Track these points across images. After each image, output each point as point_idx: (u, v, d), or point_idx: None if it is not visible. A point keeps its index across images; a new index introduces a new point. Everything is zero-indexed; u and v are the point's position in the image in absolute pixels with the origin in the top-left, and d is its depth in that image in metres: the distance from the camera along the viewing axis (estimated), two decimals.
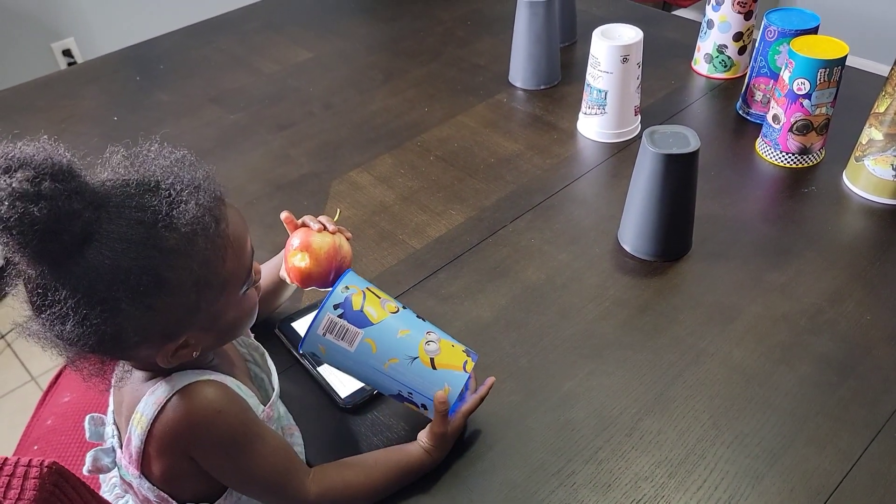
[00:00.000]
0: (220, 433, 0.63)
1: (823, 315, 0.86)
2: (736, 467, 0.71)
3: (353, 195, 1.09)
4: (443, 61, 1.41)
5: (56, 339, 0.57)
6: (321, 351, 0.69)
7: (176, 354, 0.62)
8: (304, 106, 1.31)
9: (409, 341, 0.69)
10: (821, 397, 0.77)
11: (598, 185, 1.09)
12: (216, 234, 0.60)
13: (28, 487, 0.46)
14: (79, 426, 1.06)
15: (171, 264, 0.57)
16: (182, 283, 0.58)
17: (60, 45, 2.28)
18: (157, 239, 0.56)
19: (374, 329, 0.68)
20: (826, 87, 1.00)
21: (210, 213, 0.59)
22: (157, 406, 0.63)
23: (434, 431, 0.71)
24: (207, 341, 0.64)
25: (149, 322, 0.57)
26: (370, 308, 0.69)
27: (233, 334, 0.69)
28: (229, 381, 0.67)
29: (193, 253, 0.58)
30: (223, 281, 0.62)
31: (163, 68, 1.44)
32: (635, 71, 1.11)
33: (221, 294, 0.62)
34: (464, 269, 0.95)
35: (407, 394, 0.70)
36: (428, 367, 0.69)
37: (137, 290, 0.55)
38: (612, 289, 0.91)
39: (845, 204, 1.02)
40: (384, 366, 0.69)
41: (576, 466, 0.72)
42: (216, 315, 0.63)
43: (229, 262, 0.61)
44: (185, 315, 0.59)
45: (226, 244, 0.61)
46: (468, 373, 0.70)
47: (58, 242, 0.53)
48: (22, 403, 1.79)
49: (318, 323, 0.68)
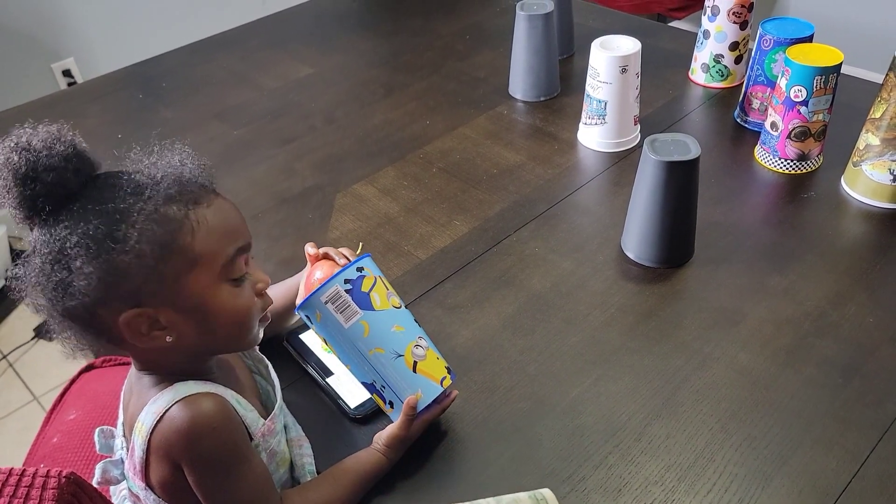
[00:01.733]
0: (210, 449, 0.64)
1: (827, 318, 0.87)
2: (745, 470, 0.72)
3: (358, 207, 1.10)
4: (443, 74, 1.43)
5: (32, 287, 0.61)
6: (316, 317, 0.71)
7: (150, 334, 0.62)
8: (307, 120, 1.32)
9: (400, 338, 0.71)
10: (827, 399, 0.78)
11: (599, 194, 1.10)
12: (189, 209, 0.62)
13: (46, 498, 0.47)
14: (85, 443, 1.06)
15: (134, 224, 0.60)
16: (138, 245, 0.60)
17: (60, 66, 2.30)
18: (130, 204, 0.61)
19: (374, 315, 0.71)
20: (822, 94, 1.02)
21: (188, 190, 0.63)
22: (156, 415, 0.63)
23: (395, 434, 0.72)
24: (189, 332, 0.64)
25: (106, 276, 0.59)
26: (376, 295, 0.72)
27: (222, 336, 0.67)
28: (229, 395, 0.67)
29: (160, 219, 0.61)
30: (193, 257, 0.62)
31: (165, 86, 1.45)
32: (634, 81, 1.12)
33: (189, 269, 0.62)
34: (469, 278, 0.96)
35: (380, 386, 0.71)
36: (409, 368, 0.71)
37: (96, 237, 0.59)
38: (616, 295, 0.92)
39: (844, 208, 1.04)
40: (370, 352, 0.71)
41: (586, 472, 0.73)
42: (189, 296, 0.63)
43: (199, 241, 0.62)
44: (145, 280, 0.61)
45: (199, 222, 0.63)
46: (443, 388, 0.72)
47: (35, 190, 0.59)
48: (25, 423, 1.79)
49: (325, 290, 0.70)
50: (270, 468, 0.72)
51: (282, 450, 0.74)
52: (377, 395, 0.73)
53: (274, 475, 0.73)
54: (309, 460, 0.76)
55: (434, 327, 0.89)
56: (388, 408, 0.73)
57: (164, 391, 0.65)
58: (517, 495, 0.66)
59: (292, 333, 0.88)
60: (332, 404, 0.81)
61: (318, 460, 0.76)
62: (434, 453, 0.76)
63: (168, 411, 0.63)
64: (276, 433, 0.73)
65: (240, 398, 0.69)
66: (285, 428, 0.77)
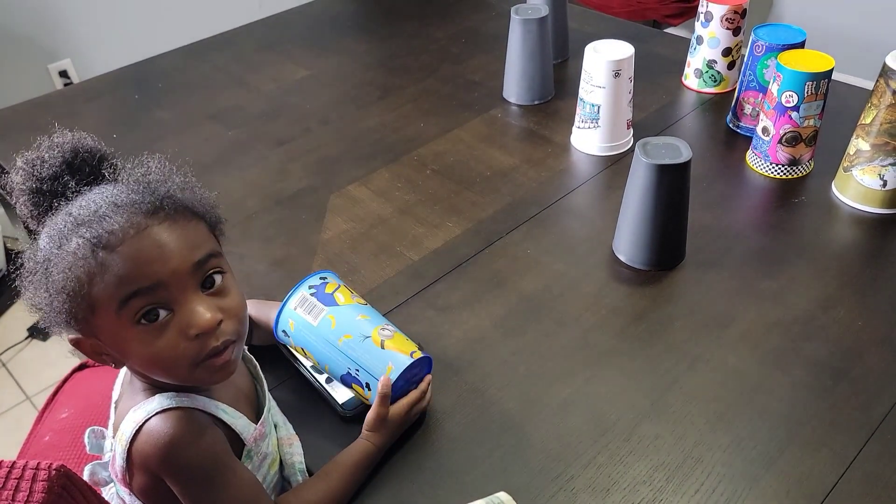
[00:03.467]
0: (189, 462, 0.64)
1: (816, 321, 0.88)
2: (733, 471, 0.72)
3: (351, 209, 1.10)
4: (438, 78, 1.43)
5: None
6: (290, 326, 0.77)
7: (98, 356, 0.65)
8: (302, 122, 1.32)
9: (366, 324, 0.75)
10: (815, 401, 0.79)
11: (592, 197, 1.11)
12: (97, 251, 0.59)
13: (36, 490, 0.47)
14: (76, 442, 1.06)
15: (54, 258, 0.61)
16: (56, 283, 0.61)
17: (57, 67, 2.30)
18: (64, 234, 0.61)
19: (338, 309, 0.76)
20: (814, 100, 1.03)
21: (105, 229, 0.60)
22: (135, 425, 0.64)
23: (374, 414, 0.73)
24: (126, 361, 0.65)
25: (44, 298, 0.62)
26: (340, 294, 0.78)
27: (164, 377, 0.65)
28: (213, 407, 0.67)
29: (68, 260, 0.60)
30: (91, 301, 0.60)
31: (161, 87, 1.45)
32: (627, 85, 1.13)
33: (91, 312, 0.61)
34: (461, 279, 0.96)
35: (354, 371, 0.74)
36: (378, 346, 0.74)
37: (34, 265, 0.62)
38: (607, 298, 0.93)
39: (835, 213, 1.04)
40: (339, 341, 0.74)
41: (575, 471, 0.73)
42: (104, 335, 0.62)
43: (95, 285, 0.59)
44: (66, 311, 0.61)
45: (102, 265, 0.59)
46: (413, 358, 0.74)
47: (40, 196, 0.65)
48: (17, 423, 1.78)
49: (293, 297, 0.77)
50: (262, 470, 0.73)
51: (272, 451, 0.74)
52: (356, 384, 0.75)
53: (265, 476, 0.73)
54: (299, 459, 0.76)
55: (425, 328, 0.90)
56: (367, 391, 0.74)
57: (146, 401, 0.65)
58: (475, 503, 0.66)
59: None
60: (324, 403, 0.81)
61: (310, 459, 0.76)
62: (423, 452, 0.76)
63: (145, 425, 0.63)
64: (267, 435, 0.73)
65: (227, 408, 0.68)
66: (275, 427, 0.77)
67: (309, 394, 0.83)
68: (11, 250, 2.15)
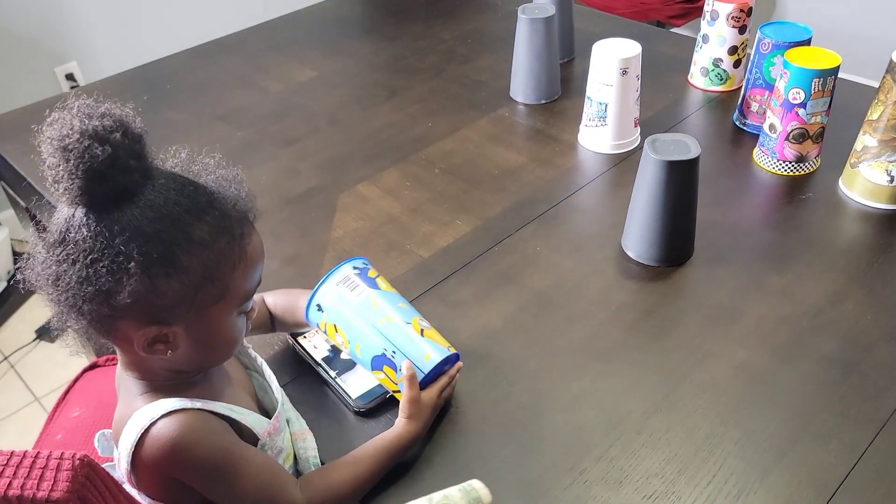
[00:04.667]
0: (201, 462, 0.64)
1: (824, 315, 0.88)
2: (744, 463, 0.73)
3: (361, 207, 1.11)
4: (445, 78, 1.44)
5: (54, 280, 0.60)
6: (327, 302, 0.77)
7: (152, 346, 0.63)
8: (310, 122, 1.33)
9: (407, 313, 0.77)
10: (825, 394, 0.79)
11: (600, 195, 1.12)
12: (237, 244, 0.64)
13: (60, 479, 0.47)
14: (89, 440, 1.07)
15: (188, 250, 0.60)
16: (190, 271, 0.60)
17: (64, 69, 2.31)
18: (186, 224, 0.60)
19: (380, 292, 0.77)
20: (820, 97, 1.03)
21: (239, 224, 0.64)
22: (139, 430, 0.64)
23: (408, 397, 0.74)
24: (186, 349, 0.65)
25: (143, 292, 0.59)
26: (381, 282, 0.79)
27: (211, 357, 0.70)
28: (219, 408, 0.68)
29: (212, 249, 0.61)
30: (226, 286, 0.64)
31: (170, 88, 1.46)
32: (634, 83, 1.14)
33: (219, 299, 0.64)
34: (471, 276, 0.97)
35: (391, 353, 0.74)
36: (418, 333, 0.75)
37: (150, 256, 0.58)
38: (617, 293, 0.93)
39: (842, 209, 1.05)
40: (378, 321, 0.75)
41: (587, 464, 0.73)
42: (206, 321, 0.64)
43: (238, 274, 0.64)
44: (178, 302, 0.61)
45: (241, 256, 0.64)
46: (450, 352, 0.75)
47: (103, 186, 0.58)
48: (26, 425, 1.79)
49: (337, 273, 0.77)
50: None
51: (286, 445, 0.75)
52: (388, 366, 0.75)
53: None
54: (313, 453, 0.77)
55: (436, 323, 0.89)
56: (399, 377, 0.75)
57: (147, 406, 0.65)
58: (447, 490, 0.65)
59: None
60: (336, 398, 0.82)
61: (323, 453, 0.77)
62: (436, 447, 0.76)
63: (149, 431, 0.64)
64: (281, 430, 0.74)
65: (233, 407, 0.69)
66: (288, 422, 0.78)
67: (321, 390, 0.84)
68: (20, 253, 2.16)
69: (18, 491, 0.48)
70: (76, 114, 0.59)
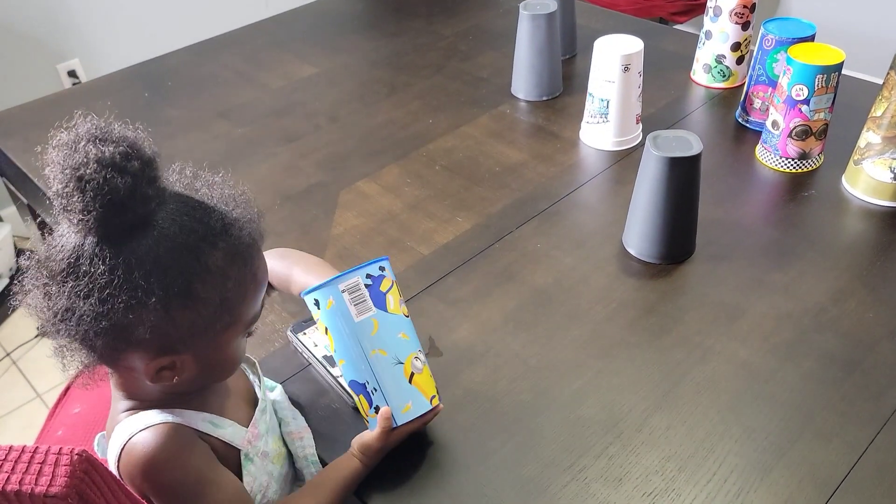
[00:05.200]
0: (170, 480, 0.63)
1: (826, 313, 0.88)
2: (744, 461, 0.73)
3: (361, 204, 1.11)
4: (446, 74, 1.44)
5: (64, 313, 0.57)
6: (327, 304, 0.69)
7: (159, 374, 0.62)
8: (311, 119, 1.33)
9: (404, 346, 0.71)
10: (826, 392, 0.79)
11: (601, 192, 1.11)
12: (248, 269, 0.63)
13: (59, 474, 0.47)
14: (89, 437, 1.07)
15: (204, 280, 0.59)
16: (207, 301, 0.60)
17: (66, 66, 2.31)
18: (201, 252, 0.59)
19: (385, 316, 0.70)
20: (824, 93, 1.03)
21: (249, 248, 0.63)
22: (120, 445, 0.64)
23: (371, 445, 0.70)
24: (192, 374, 0.64)
25: (161, 326, 0.58)
26: (391, 297, 0.71)
27: (212, 378, 0.69)
28: (198, 420, 0.67)
29: (228, 277, 0.60)
30: (238, 314, 0.63)
31: (171, 85, 1.46)
32: (636, 80, 1.13)
33: (230, 326, 0.63)
34: (472, 273, 0.97)
35: (371, 389, 0.70)
36: (406, 378, 0.70)
37: (169, 289, 0.57)
38: (618, 291, 0.93)
39: (845, 207, 1.04)
40: (371, 352, 0.69)
41: (587, 461, 0.73)
42: (215, 347, 0.64)
43: (249, 300, 0.64)
44: (193, 333, 0.60)
45: (251, 282, 0.64)
46: (431, 406, 0.71)
47: (120, 218, 0.55)
48: (28, 421, 1.79)
49: (345, 279, 0.69)
50: (267, 467, 0.73)
51: (272, 448, 0.74)
52: (364, 397, 0.71)
53: (272, 472, 0.74)
54: (311, 451, 0.76)
55: (436, 321, 0.90)
56: (372, 412, 0.71)
57: (130, 419, 0.65)
58: None
59: (297, 325, 0.89)
60: (336, 396, 0.82)
61: (322, 451, 0.76)
62: (436, 444, 0.76)
63: (127, 445, 0.63)
64: (261, 436, 0.73)
65: (214, 418, 0.68)
66: (281, 422, 0.77)
67: (319, 387, 0.83)
68: (22, 249, 2.16)
69: (17, 486, 0.48)
70: (88, 139, 0.56)
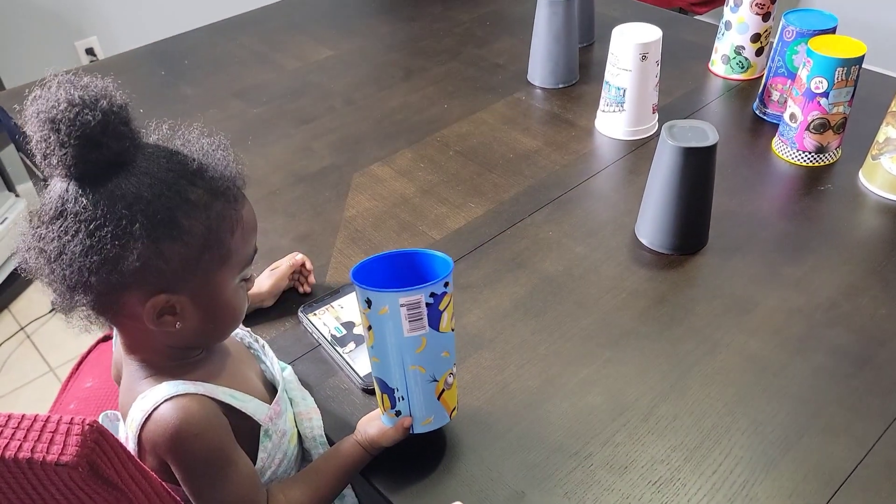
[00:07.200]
0: (195, 453, 0.64)
1: (838, 308, 0.87)
2: (751, 453, 0.73)
3: (374, 187, 1.11)
4: (462, 60, 1.43)
5: (57, 255, 0.59)
6: (380, 310, 0.65)
7: (161, 318, 0.63)
8: (326, 101, 1.33)
9: (443, 364, 0.70)
10: (836, 387, 0.78)
11: (615, 181, 1.11)
12: (232, 206, 0.64)
13: (70, 443, 0.48)
14: (100, 411, 1.08)
15: (188, 213, 0.61)
16: (191, 234, 0.61)
17: (84, 44, 2.32)
18: (181, 187, 0.61)
19: (435, 335, 0.67)
20: (843, 86, 1.02)
21: (231, 186, 0.64)
22: (144, 413, 0.64)
23: (381, 444, 0.71)
24: (193, 321, 0.65)
25: (151, 259, 0.59)
26: (445, 315, 0.68)
27: (216, 329, 0.69)
28: (222, 393, 0.67)
29: (210, 211, 0.62)
30: (227, 251, 0.64)
31: (187, 63, 1.47)
32: (654, 69, 1.12)
33: (222, 265, 0.64)
34: (483, 259, 0.97)
35: (399, 397, 0.70)
36: (436, 394, 0.70)
37: (153, 220, 0.59)
38: (628, 280, 0.93)
39: (861, 202, 1.03)
40: (411, 367, 0.68)
41: (593, 448, 0.73)
42: (210, 288, 0.65)
43: (237, 238, 0.65)
44: (183, 267, 0.61)
45: (238, 219, 0.65)
46: (450, 419, 0.72)
47: (96, 153, 0.58)
48: (41, 394, 1.82)
49: (408, 294, 0.65)
50: (283, 446, 0.73)
51: (290, 426, 0.75)
52: (388, 397, 0.71)
53: (287, 451, 0.74)
54: (319, 432, 0.77)
55: None
56: (392, 412, 0.71)
57: (153, 389, 0.65)
58: None
59: (306, 306, 0.89)
60: (345, 376, 0.82)
61: (331, 430, 0.77)
62: (443, 428, 0.76)
63: (154, 413, 0.64)
64: (283, 413, 0.74)
65: (235, 392, 0.69)
66: (291, 402, 0.78)
67: (328, 367, 0.84)
68: None
69: (29, 454, 0.49)
70: (59, 86, 0.59)
